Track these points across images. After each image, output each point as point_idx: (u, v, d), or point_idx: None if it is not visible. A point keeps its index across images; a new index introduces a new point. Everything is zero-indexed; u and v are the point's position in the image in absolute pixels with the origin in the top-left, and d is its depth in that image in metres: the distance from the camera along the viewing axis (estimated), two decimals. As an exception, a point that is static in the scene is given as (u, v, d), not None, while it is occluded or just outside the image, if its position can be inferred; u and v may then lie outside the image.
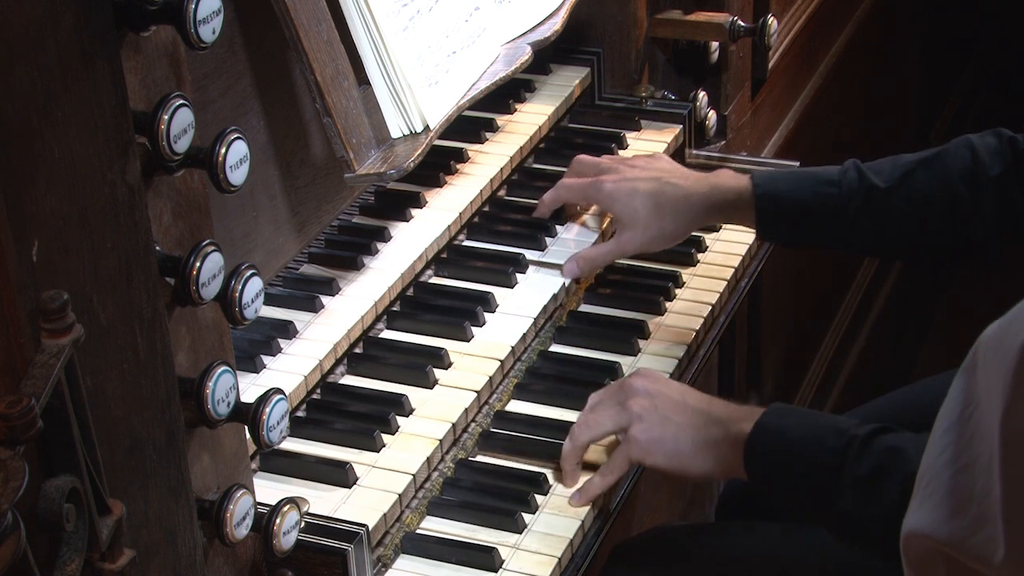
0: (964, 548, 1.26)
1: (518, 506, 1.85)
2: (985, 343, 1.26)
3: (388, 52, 2.04)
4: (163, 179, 1.42)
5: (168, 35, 1.39)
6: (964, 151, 2.10)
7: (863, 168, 2.13)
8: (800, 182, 2.16)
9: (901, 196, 2.11)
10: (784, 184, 2.16)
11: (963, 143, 2.12)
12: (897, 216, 2.12)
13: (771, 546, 2.15)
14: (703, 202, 2.18)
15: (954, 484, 1.28)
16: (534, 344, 2.13)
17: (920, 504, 1.31)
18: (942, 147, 2.14)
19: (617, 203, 2.20)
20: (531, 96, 2.53)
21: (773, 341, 3.33)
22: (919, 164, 2.12)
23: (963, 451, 1.27)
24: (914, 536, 1.31)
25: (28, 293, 1.19)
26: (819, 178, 2.15)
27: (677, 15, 2.63)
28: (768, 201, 2.15)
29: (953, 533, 1.27)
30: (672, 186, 2.19)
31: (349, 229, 2.20)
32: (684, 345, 2.15)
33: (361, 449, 1.87)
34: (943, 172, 2.10)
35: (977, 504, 1.25)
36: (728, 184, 2.18)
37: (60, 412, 1.21)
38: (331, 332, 1.99)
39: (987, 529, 1.24)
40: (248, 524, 1.56)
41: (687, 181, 2.20)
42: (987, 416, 1.24)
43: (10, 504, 1.10)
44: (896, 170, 2.12)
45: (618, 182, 2.20)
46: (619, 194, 2.19)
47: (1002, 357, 1.22)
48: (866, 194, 2.11)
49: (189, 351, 1.48)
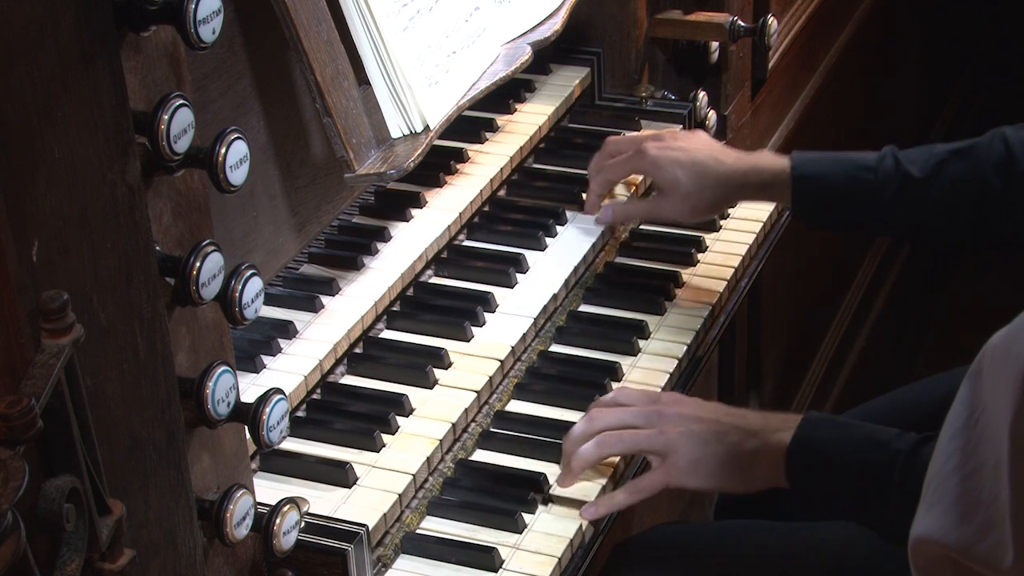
0: (972, 553, 1.26)
1: (518, 506, 1.85)
2: (992, 350, 1.26)
3: (388, 52, 2.04)
4: (163, 179, 1.42)
5: (168, 35, 1.39)
6: (998, 144, 2.14)
7: (899, 156, 2.18)
8: (838, 166, 2.20)
9: (935, 186, 2.15)
10: (822, 167, 2.21)
11: (998, 136, 2.16)
12: (930, 205, 2.16)
13: (770, 546, 2.15)
14: (742, 180, 2.23)
15: (961, 490, 1.28)
16: (534, 344, 2.13)
17: (928, 510, 1.31)
18: (976, 139, 2.17)
19: (660, 170, 2.26)
20: (531, 96, 2.53)
21: (773, 341, 3.32)
22: (953, 155, 2.16)
23: (970, 457, 1.27)
24: (922, 542, 1.31)
25: (28, 293, 1.19)
26: (856, 163, 2.19)
27: (677, 15, 2.63)
28: (805, 183, 2.20)
29: (961, 539, 1.27)
30: (715, 161, 2.24)
31: (349, 229, 2.20)
32: (684, 345, 2.15)
33: (361, 449, 1.87)
34: (977, 164, 2.14)
35: (985, 509, 1.25)
36: (767, 165, 2.24)
37: (60, 412, 1.21)
38: (331, 332, 1.99)
39: (995, 534, 1.24)
40: (248, 524, 1.56)
41: (728, 158, 2.25)
42: (994, 421, 1.24)
43: (10, 504, 1.10)
44: (931, 159, 2.16)
45: (662, 149, 2.26)
46: (663, 161, 2.25)
47: (1010, 363, 1.22)
48: (901, 182, 2.16)
49: (189, 351, 1.48)
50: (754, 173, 2.23)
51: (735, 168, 2.24)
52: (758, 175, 2.23)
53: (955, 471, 1.28)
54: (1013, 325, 1.25)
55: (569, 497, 1.88)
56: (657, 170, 2.27)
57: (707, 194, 2.24)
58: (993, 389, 1.24)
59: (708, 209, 2.28)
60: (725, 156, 2.26)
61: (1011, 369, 1.21)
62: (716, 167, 2.24)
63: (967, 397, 1.29)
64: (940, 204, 2.16)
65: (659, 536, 2.22)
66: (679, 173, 2.24)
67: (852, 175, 2.18)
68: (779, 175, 2.22)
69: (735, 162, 2.25)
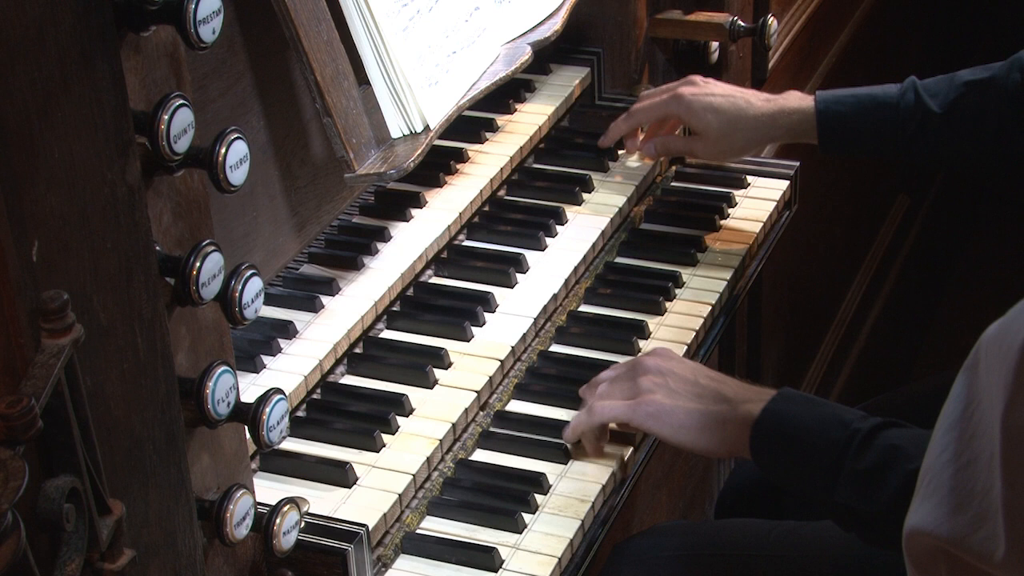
0: (965, 546, 1.26)
1: (518, 506, 1.85)
2: (987, 342, 1.26)
3: (388, 52, 2.04)
4: (163, 179, 1.42)
5: (168, 35, 1.39)
6: (1016, 73, 2.23)
7: (920, 90, 2.29)
8: (860, 105, 2.33)
9: (954, 119, 2.26)
10: (844, 107, 2.33)
11: (1016, 65, 2.24)
12: (951, 137, 2.27)
13: (770, 545, 2.15)
14: (770, 123, 2.36)
15: (955, 482, 1.28)
16: (534, 344, 2.13)
17: (922, 502, 1.31)
18: (995, 68, 2.26)
19: (694, 114, 2.38)
20: (531, 96, 2.53)
21: (773, 341, 3.33)
22: (972, 87, 2.27)
23: (964, 449, 1.27)
24: (916, 534, 1.31)
25: (28, 293, 1.19)
26: (878, 100, 2.32)
27: (677, 15, 2.63)
28: (829, 123, 2.33)
29: (954, 531, 1.27)
30: (746, 104, 2.37)
31: (349, 229, 2.20)
32: (684, 345, 2.15)
33: (361, 449, 1.87)
34: (995, 95, 2.24)
35: (978, 502, 1.25)
36: (793, 106, 2.36)
37: (60, 412, 1.21)
38: (331, 332, 1.99)
39: (988, 526, 1.24)
40: (248, 524, 1.56)
41: (758, 101, 2.38)
42: (988, 414, 1.24)
43: (10, 504, 1.10)
44: (951, 92, 2.28)
45: (696, 94, 2.38)
46: (697, 106, 2.37)
47: (1003, 355, 1.22)
48: (922, 117, 2.27)
49: (189, 351, 1.48)
50: (782, 116, 2.36)
51: (763, 111, 2.36)
52: (786, 117, 2.35)
53: (949, 463, 1.28)
54: (1006, 317, 1.25)
55: (569, 497, 1.88)
56: (691, 114, 2.38)
57: (738, 136, 2.37)
58: (988, 382, 1.24)
59: (740, 150, 2.42)
60: (755, 99, 2.38)
61: (1003, 361, 1.22)
62: (746, 110, 2.36)
63: (962, 390, 1.29)
64: (960, 136, 2.27)
65: (659, 536, 2.22)
66: (711, 117, 2.36)
67: (874, 113, 2.31)
68: (806, 115, 2.34)
69: (763, 105, 2.37)
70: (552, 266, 2.22)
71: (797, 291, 3.51)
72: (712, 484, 3.11)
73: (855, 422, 1.80)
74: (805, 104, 2.35)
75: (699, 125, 2.38)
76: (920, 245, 4.54)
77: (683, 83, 2.42)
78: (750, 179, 2.54)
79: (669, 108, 2.41)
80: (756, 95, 2.40)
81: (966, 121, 2.26)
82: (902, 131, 2.29)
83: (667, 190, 2.53)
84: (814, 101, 2.34)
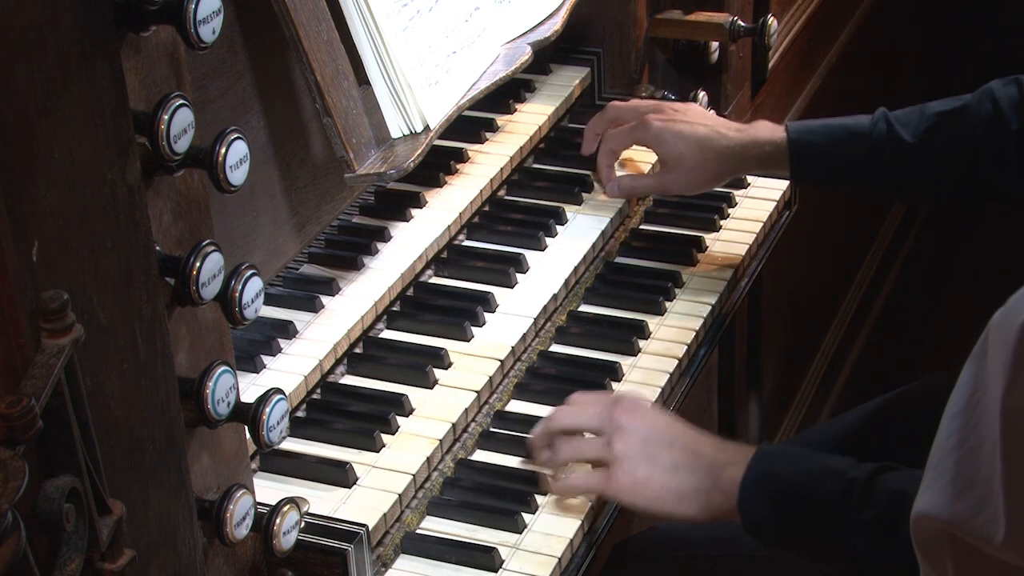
0: (967, 529, 1.27)
1: (518, 506, 1.85)
2: (993, 329, 1.27)
3: (388, 52, 2.04)
4: (163, 179, 1.42)
5: (168, 35, 1.39)
6: (987, 103, 2.20)
7: (892, 120, 2.24)
8: (832, 135, 2.28)
9: (927, 150, 2.22)
10: (816, 136, 2.29)
11: (987, 95, 2.21)
12: (924, 168, 2.23)
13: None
14: (743, 152, 2.30)
15: (960, 467, 1.28)
16: (534, 344, 2.13)
17: (928, 487, 1.32)
18: (966, 98, 2.23)
19: (664, 144, 2.31)
20: (531, 96, 2.53)
21: (773, 341, 3.33)
22: (944, 117, 2.22)
23: (970, 435, 1.28)
24: (921, 518, 1.32)
25: (28, 293, 1.19)
26: (850, 130, 2.27)
27: (677, 15, 2.63)
28: (802, 154, 2.28)
29: (956, 514, 1.28)
30: (717, 135, 2.30)
31: (349, 229, 2.20)
32: (684, 345, 2.15)
33: (361, 449, 1.87)
34: (967, 126, 2.20)
35: (982, 486, 1.26)
36: (765, 137, 2.31)
37: (60, 412, 1.21)
38: (331, 332, 1.98)
39: (989, 510, 1.25)
40: (248, 524, 1.56)
41: (729, 131, 2.32)
42: (993, 399, 1.25)
43: (10, 504, 1.10)
44: (922, 122, 2.23)
45: (666, 123, 2.31)
46: (666, 135, 2.30)
47: (1004, 337, 1.23)
48: (894, 148, 2.22)
49: (189, 351, 1.48)
50: (754, 146, 2.30)
51: (736, 141, 2.30)
52: (758, 148, 2.30)
53: (955, 449, 1.29)
54: (1009, 301, 1.26)
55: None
56: (660, 144, 2.31)
57: (710, 167, 2.30)
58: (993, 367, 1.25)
59: (711, 182, 2.34)
60: (726, 129, 2.32)
61: (1003, 344, 1.23)
62: (718, 140, 2.29)
63: (970, 377, 1.29)
64: (933, 166, 2.23)
65: (659, 536, 2.22)
66: (682, 147, 2.29)
67: (846, 142, 2.26)
68: (778, 146, 2.29)
69: (735, 135, 2.31)
70: (552, 266, 2.22)
71: (797, 291, 3.51)
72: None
73: (848, 471, 1.76)
74: (777, 135, 2.29)
75: (669, 155, 2.30)
76: (920, 245, 4.54)
77: (651, 109, 2.36)
78: (750, 179, 2.54)
79: (637, 135, 2.34)
80: (726, 124, 2.34)
81: (939, 151, 2.21)
82: (875, 160, 2.24)
83: (667, 190, 2.52)
84: (785, 131, 2.29)
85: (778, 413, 3.56)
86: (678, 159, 2.30)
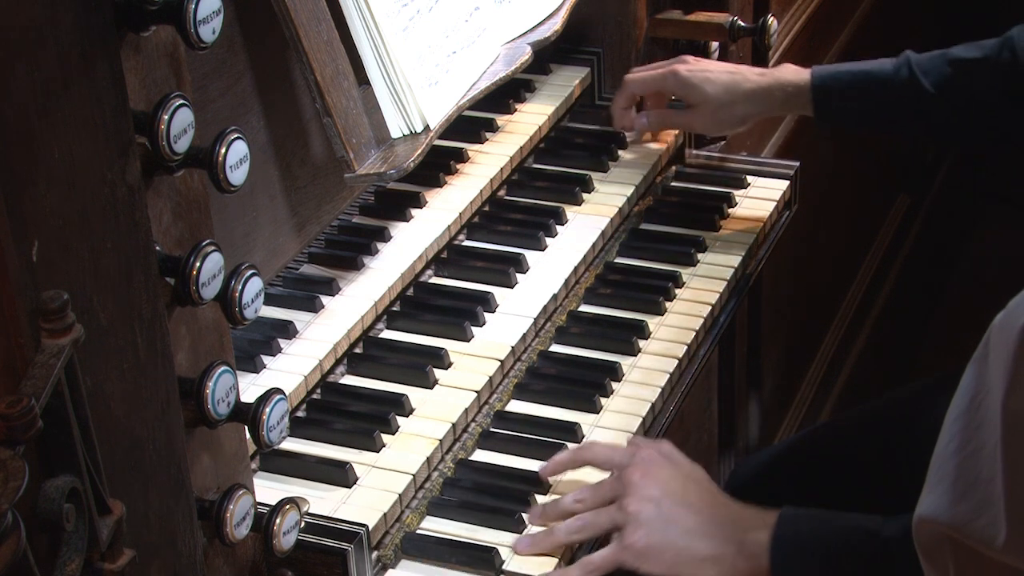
0: (967, 531, 1.27)
1: (518, 506, 1.85)
2: (994, 331, 1.27)
3: (388, 52, 2.04)
4: (163, 179, 1.42)
5: (168, 35, 1.39)
6: (1007, 53, 2.28)
7: (914, 67, 2.32)
8: (855, 80, 2.36)
9: (946, 97, 2.29)
10: (839, 82, 2.37)
11: (1007, 44, 2.29)
12: (945, 115, 2.31)
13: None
14: (766, 94, 2.40)
15: (960, 470, 1.29)
16: (534, 344, 2.13)
17: (930, 491, 1.32)
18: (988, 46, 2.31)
19: (691, 87, 2.41)
20: (531, 96, 2.53)
21: (773, 341, 3.32)
22: (964, 66, 2.29)
23: (971, 438, 1.28)
24: (923, 522, 1.32)
25: (28, 293, 1.19)
26: (873, 76, 2.35)
27: (677, 15, 2.63)
28: (824, 97, 2.37)
29: (957, 517, 1.28)
30: (743, 77, 2.41)
31: (349, 229, 2.20)
32: (684, 345, 2.14)
33: (361, 449, 1.87)
34: (987, 75, 2.27)
35: (983, 489, 1.26)
36: (789, 78, 2.40)
37: (60, 412, 1.21)
38: (331, 332, 1.99)
39: (990, 513, 1.25)
40: (248, 524, 1.56)
41: (753, 74, 2.42)
42: (994, 402, 1.25)
43: (10, 504, 1.10)
44: (944, 70, 2.30)
45: (692, 70, 2.41)
46: (694, 79, 2.40)
47: (1004, 341, 1.23)
48: (915, 95, 2.30)
49: (189, 351, 1.48)
50: (777, 87, 2.39)
51: (760, 83, 2.40)
52: (782, 89, 2.39)
53: (956, 452, 1.29)
54: (1010, 304, 1.26)
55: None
56: (688, 87, 2.40)
57: (736, 108, 2.40)
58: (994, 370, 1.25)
59: (736, 122, 2.44)
60: (750, 72, 2.42)
61: (1004, 347, 1.23)
62: (743, 83, 2.40)
63: (971, 380, 1.29)
64: (953, 114, 2.30)
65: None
66: (708, 89, 2.39)
67: (868, 88, 2.34)
68: (801, 89, 2.38)
69: (759, 77, 2.41)
70: (552, 266, 2.22)
71: (797, 291, 3.51)
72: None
73: (881, 531, 1.69)
74: (801, 77, 2.38)
75: (697, 97, 2.40)
76: (920, 245, 4.54)
77: (676, 61, 2.45)
78: (750, 179, 2.54)
79: (665, 82, 2.43)
80: (750, 69, 2.45)
81: (958, 100, 2.29)
82: (896, 106, 2.33)
83: (667, 190, 2.53)
84: (810, 75, 2.37)
85: (778, 413, 3.56)
86: (705, 100, 2.39)
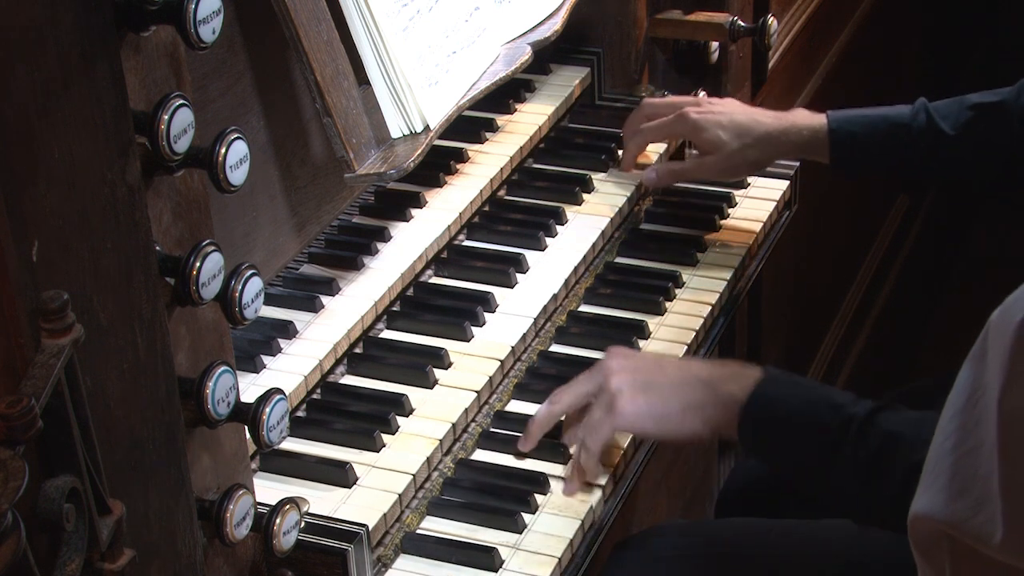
0: (964, 529, 1.27)
1: (518, 506, 1.85)
2: (992, 327, 1.27)
3: (388, 52, 2.04)
4: (163, 179, 1.42)
5: (168, 35, 1.39)
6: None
7: (932, 112, 2.30)
8: (873, 126, 2.33)
9: (966, 140, 2.29)
10: (857, 126, 2.34)
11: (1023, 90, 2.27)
12: (963, 159, 2.31)
13: (770, 544, 2.15)
14: (781, 138, 2.36)
15: (957, 468, 1.29)
16: (534, 344, 2.13)
17: (926, 488, 1.32)
18: (1005, 92, 2.30)
19: (703, 131, 2.36)
20: (531, 96, 2.53)
21: (773, 341, 3.33)
22: (982, 110, 2.29)
23: (968, 436, 1.28)
24: (919, 519, 1.32)
25: (28, 293, 1.19)
26: (890, 120, 2.32)
27: (677, 15, 2.63)
28: (842, 142, 2.33)
29: (954, 514, 1.28)
30: (755, 121, 2.37)
31: (349, 229, 2.20)
32: (684, 345, 2.15)
33: (361, 449, 1.87)
34: (1005, 118, 2.27)
35: (980, 487, 1.26)
36: (804, 123, 2.36)
37: (60, 412, 1.21)
38: (331, 332, 1.99)
39: (987, 510, 1.25)
40: (248, 524, 1.56)
41: (767, 118, 2.38)
42: (991, 399, 1.25)
43: (10, 504, 1.10)
44: (962, 114, 2.30)
45: (703, 113, 2.37)
46: (705, 123, 2.36)
47: (1001, 337, 1.23)
48: (934, 139, 2.29)
49: (189, 351, 1.48)
50: (793, 131, 2.35)
51: (774, 127, 2.36)
52: (797, 133, 2.35)
53: (953, 450, 1.29)
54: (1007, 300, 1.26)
55: (569, 497, 1.88)
56: (700, 132, 2.36)
57: (749, 152, 2.35)
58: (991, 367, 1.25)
59: (750, 167, 2.41)
60: (763, 116, 2.38)
61: (1001, 344, 1.23)
62: (756, 127, 2.35)
63: (968, 378, 1.29)
64: (971, 158, 2.30)
65: (659, 535, 2.22)
66: (721, 133, 2.35)
67: (887, 133, 2.32)
68: (817, 134, 2.34)
69: (774, 121, 2.37)
70: (552, 266, 2.22)
71: (797, 291, 3.51)
72: (712, 484, 3.12)
73: (847, 406, 1.81)
74: (816, 122, 2.35)
75: (709, 141, 2.36)
76: (920, 245, 4.54)
77: (687, 102, 2.41)
78: (750, 179, 2.54)
79: (676, 128, 2.40)
80: (762, 112, 2.40)
81: (978, 143, 2.28)
82: (914, 150, 2.31)
83: (667, 190, 2.52)
84: (826, 119, 2.34)
85: (778, 413, 3.56)
86: (717, 145, 2.35)
